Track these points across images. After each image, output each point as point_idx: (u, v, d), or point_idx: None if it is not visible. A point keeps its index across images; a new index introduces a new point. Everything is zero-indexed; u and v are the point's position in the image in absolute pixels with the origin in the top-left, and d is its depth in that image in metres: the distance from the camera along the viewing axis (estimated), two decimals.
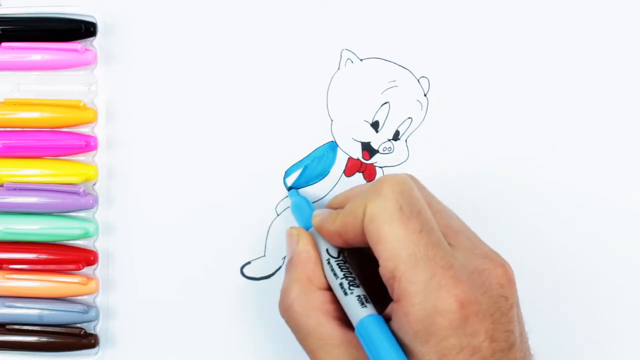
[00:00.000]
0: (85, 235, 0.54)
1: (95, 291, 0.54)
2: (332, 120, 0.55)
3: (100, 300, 0.55)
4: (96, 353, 0.54)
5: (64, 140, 0.53)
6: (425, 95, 0.55)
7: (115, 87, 0.54)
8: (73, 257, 0.54)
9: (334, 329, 0.46)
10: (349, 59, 0.55)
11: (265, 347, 0.56)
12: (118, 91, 0.54)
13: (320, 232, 0.48)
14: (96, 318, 0.54)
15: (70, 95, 0.54)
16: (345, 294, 0.46)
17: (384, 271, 0.44)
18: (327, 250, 0.48)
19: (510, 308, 0.43)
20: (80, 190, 0.53)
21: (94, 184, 0.54)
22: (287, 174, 0.55)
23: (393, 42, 0.55)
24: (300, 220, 0.52)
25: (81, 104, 0.53)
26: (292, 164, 0.55)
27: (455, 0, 0.55)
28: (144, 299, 0.55)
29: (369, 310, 0.44)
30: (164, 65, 0.55)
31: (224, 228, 0.55)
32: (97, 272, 0.55)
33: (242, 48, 0.55)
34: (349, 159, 0.55)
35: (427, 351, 0.42)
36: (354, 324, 0.45)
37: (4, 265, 0.53)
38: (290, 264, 0.49)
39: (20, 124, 0.53)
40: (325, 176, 0.55)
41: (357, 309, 0.45)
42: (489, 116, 0.55)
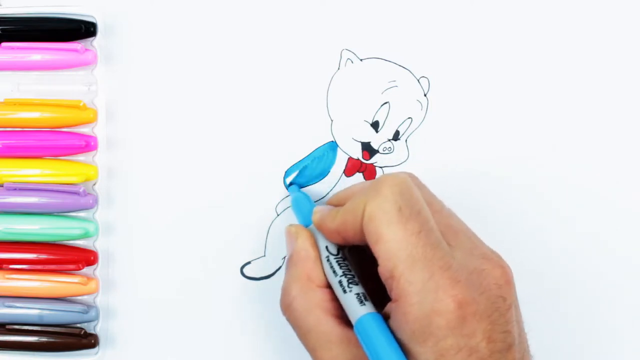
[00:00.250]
0: (85, 235, 0.54)
1: (95, 291, 0.54)
2: (332, 120, 0.55)
3: (100, 300, 0.55)
4: (96, 353, 0.54)
5: (64, 140, 0.53)
6: (425, 95, 0.55)
7: (115, 87, 0.54)
8: (73, 257, 0.54)
9: (333, 327, 0.46)
10: (349, 59, 0.55)
11: (265, 347, 0.56)
12: (118, 91, 0.54)
13: (320, 229, 0.48)
14: (96, 318, 0.54)
15: (70, 95, 0.54)
16: (344, 291, 0.45)
17: (382, 271, 0.44)
18: (327, 247, 0.48)
19: (509, 309, 0.43)
20: (80, 190, 0.53)
21: (94, 184, 0.55)
22: (287, 174, 0.55)
23: (393, 42, 0.55)
24: (300, 216, 0.52)
25: (81, 104, 0.53)
26: (292, 164, 0.55)
27: (455, 0, 0.55)
28: (144, 299, 0.55)
29: (368, 308, 0.44)
30: (164, 65, 0.55)
31: (224, 228, 0.55)
32: (97, 272, 0.55)
33: (242, 48, 0.55)
34: (349, 159, 0.55)
35: (425, 351, 0.42)
36: (353, 322, 0.45)
37: (4, 265, 0.54)
38: (289, 262, 0.49)
39: (20, 124, 0.53)
40: (325, 176, 0.55)
41: (356, 307, 0.45)
42: (489, 116, 0.55)
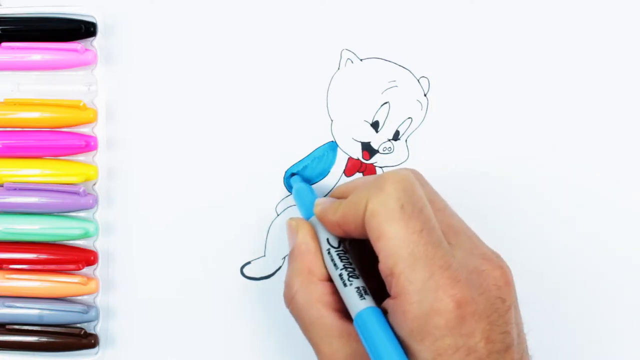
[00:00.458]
0: (85, 235, 0.54)
1: (95, 291, 0.54)
2: (332, 120, 0.55)
3: (100, 300, 0.55)
4: (96, 353, 0.54)
5: (64, 140, 0.53)
6: (425, 95, 0.55)
7: (115, 87, 0.54)
8: (73, 257, 0.54)
9: (333, 321, 0.46)
10: (349, 59, 0.55)
11: (265, 347, 0.56)
12: (118, 91, 0.55)
13: (322, 221, 0.48)
14: (96, 318, 0.54)
15: (70, 95, 0.54)
16: (345, 285, 0.45)
17: (383, 268, 0.44)
18: (328, 240, 0.48)
19: (508, 310, 0.43)
20: (80, 190, 0.53)
21: (94, 184, 0.55)
22: (287, 174, 0.55)
23: (393, 42, 0.55)
24: (303, 207, 0.52)
25: (81, 104, 0.53)
26: (292, 164, 0.55)
27: (455, 0, 0.55)
28: (144, 299, 0.55)
29: (368, 302, 0.44)
30: (164, 65, 0.55)
31: (224, 228, 0.55)
32: (97, 272, 0.55)
33: (242, 48, 0.55)
34: (349, 159, 0.55)
35: (423, 349, 0.42)
36: (353, 315, 0.44)
37: (4, 265, 0.54)
38: (291, 256, 0.49)
39: (20, 124, 0.53)
40: (325, 176, 0.55)
41: (356, 301, 0.44)
42: (489, 116, 0.55)
